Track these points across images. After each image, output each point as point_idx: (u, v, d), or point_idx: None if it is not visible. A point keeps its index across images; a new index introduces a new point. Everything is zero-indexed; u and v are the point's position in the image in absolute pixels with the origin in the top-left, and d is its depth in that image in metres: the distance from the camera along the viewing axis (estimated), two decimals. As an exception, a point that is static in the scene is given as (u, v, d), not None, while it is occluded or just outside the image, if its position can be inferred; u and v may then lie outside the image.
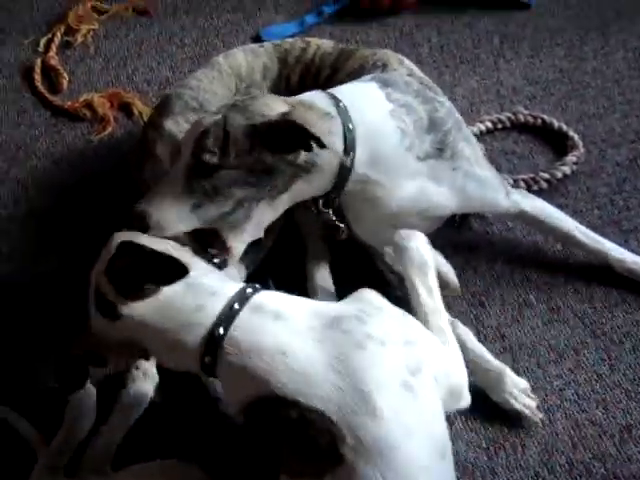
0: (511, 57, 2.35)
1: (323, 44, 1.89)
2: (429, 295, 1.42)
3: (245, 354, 1.21)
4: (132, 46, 2.37)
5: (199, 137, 1.39)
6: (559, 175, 1.96)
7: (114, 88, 2.23)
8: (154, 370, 1.61)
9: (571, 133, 2.07)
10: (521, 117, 2.12)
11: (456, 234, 1.86)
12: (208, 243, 1.41)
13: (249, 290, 1.28)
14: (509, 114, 2.12)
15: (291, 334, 1.22)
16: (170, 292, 1.26)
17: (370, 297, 1.31)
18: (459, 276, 1.72)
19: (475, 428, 1.59)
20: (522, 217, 1.78)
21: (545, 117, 2.11)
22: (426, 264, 1.44)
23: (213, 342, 1.23)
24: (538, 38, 2.41)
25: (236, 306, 1.24)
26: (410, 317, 1.33)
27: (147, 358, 1.42)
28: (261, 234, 1.47)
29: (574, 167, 1.99)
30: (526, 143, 2.09)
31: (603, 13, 2.49)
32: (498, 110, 2.15)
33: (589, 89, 2.26)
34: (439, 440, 1.24)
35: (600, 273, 1.79)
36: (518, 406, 1.57)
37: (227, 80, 1.81)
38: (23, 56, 2.35)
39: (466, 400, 1.38)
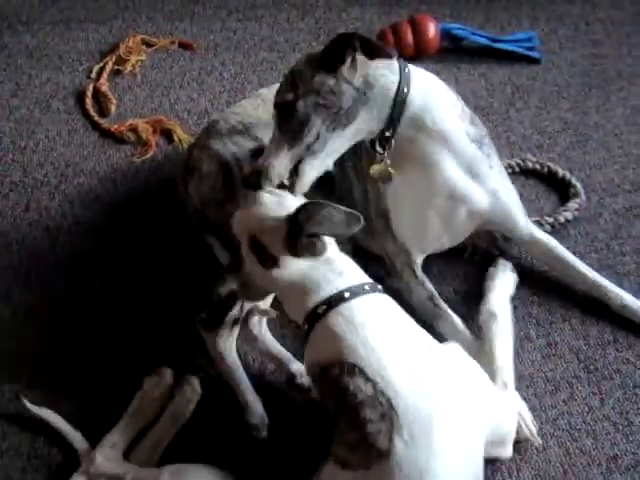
0: (521, 107, 2.36)
1: None
2: (504, 356, 1.58)
3: (349, 325, 1.29)
4: (175, 77, 2.39)
5: (276, 92, 1.54)
6: (562, 220, 1.96)
7: (157, 115, 2.25)
8: (199, 385, 1.62)
9: (574, 181, 2.07)
10: (529, 164, 2.12)
11: (466, 266, 1.86)
12: None
13: (376, 286, 1.37)
14: (518, 160, 2.12)
15: (389, 335, 1.30)
16: (325, 259, 1.35)
17: (459, 351, 1.40)
18: (467, 308, 1.75)
19: (474, 451, 1.59)
20: (533, 245, 1.80)
21: (551, 165, 2.11)
22: (507, 329, 1.63)
23: (337, 299, 1.31)
24: (546, 91, 2.42)
25: (367, 287, 1.35)
26: (481, 370, 1.42)
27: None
28: (330, 166, 1.55)
29: (576, 213, 1.99)
30: (533, 188, 2.09)
31: (605, 72, 2.50)
32: (508, 156, 2.14)
33: (591, 141, 2.26)
34: (475, 471, 1.30)
35: (595, 313, 1.79)
36: (526, 431, 1.58)
37: (270, 108, 1.81)
38: (77, 81, 2.37)
39: (508, 452, 1.46)
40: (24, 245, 1.95)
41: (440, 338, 1.48)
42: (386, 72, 1.49)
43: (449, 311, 1.68)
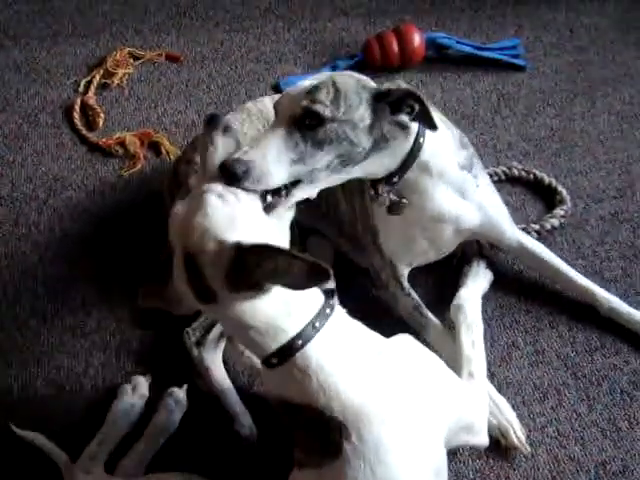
0: (507, 115, 2.36)
1: None
2: (470, 346, 1.59)
3: (309, 369, 1.22)
4: (163, 90, 2.39)
5: (309, 90, 1.37)
6: (548, 227, 1.97)
7: (145, 128, 2.24)
8: (185, 398, 1.62)
9: (560, 188, 2.07)
10: (515, 171, 2.13)
11: (453, 277, 1.86)
12: None
13: (327, 310, 1.25)
14: (504, 168, 2.13)
15: (343, 362, 1.24)
16: (272, 295, 1.19)
17: (409, 340, 1.38)
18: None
19: (463, 459, 1.59)
20: (522, 252, 1.82)
21: (537, 172, 2.12)
22: (474, 322, 1.64)
23: (289, 350, 1.22)
24: (532, 98, 2.42)
25: (317, 324, 1.23)
26: (438, 360, 1.41)
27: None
28: (314, 195, 1.43)
29: (562, 220, 2.00)
30: (519, 195, 2.10)
31: (590, 78, 2.51)
32: (494, 164, 2.15)
33: (576, 147, 2.27)
34: (435, 460, 1.30)
35: (582, 319, 1.80)
36: (515, 439, 1.58)
37: (256, 122, 1.83)
38: (64, 95, 2.37)
39: (481, 439, 1.46)
40: (13, 260, 1.95)
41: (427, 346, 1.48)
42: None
43: (435, 320, 1.69)
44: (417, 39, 2.39)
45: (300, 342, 1.21)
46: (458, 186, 1.62)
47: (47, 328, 1.81)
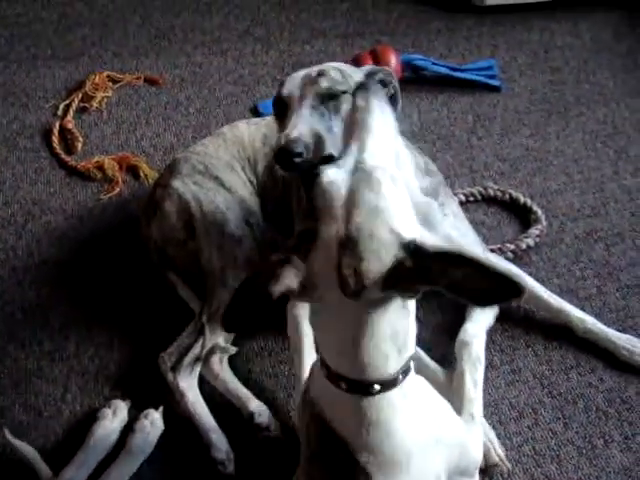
0: (483, 135, 2.40)
1: None
2: (473, 386, 1.56)
3: (380, 412, 1.14)
4: (141, 113, 2.40)
5: (321, 73, 1.49)
6: (523, 246, 1.99)
7: (123, 151, 2.26)
8: (160, 420, 1.62)
9: (535, 208, 2.10)
10: (491, 191, 2.15)
11: (431, 299, 1.87)
12: None
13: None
14: (480, 188, 2.16)
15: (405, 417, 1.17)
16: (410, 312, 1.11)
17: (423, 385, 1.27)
18: (432, 338, 1.77)
19: None
20: None
21: (512, 192, 2.15)
22: (479, 360, 1.62)
23: (391, 384, 1.13)
24: (507, 118, 2.46)
25: (410, 365, 1.16)
26: (447, 405, 1.33)
27: None
28: None
29: (537, 239, 2.02)
30: (495, 215, 2.12)
31: (565, 98, 2.55)
32: (470, 184, 2.18)
33: (551, 167, 2.30)
34: None
35: (557, 338, 1.82)
36: (495, 457, 1.59)
37: (231, 148, 1.84)
38: (43, 119, 2.37)
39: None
40: (-9, 285, 1.95)
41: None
42: None
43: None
44: (393, 60, 2.43)
45: (399, 378, 1.13)
46: (423, 214, 1.61)
47: (25, 353, 1.80)
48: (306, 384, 1.29)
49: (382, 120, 1.16)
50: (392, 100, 1.50)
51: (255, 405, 1.65)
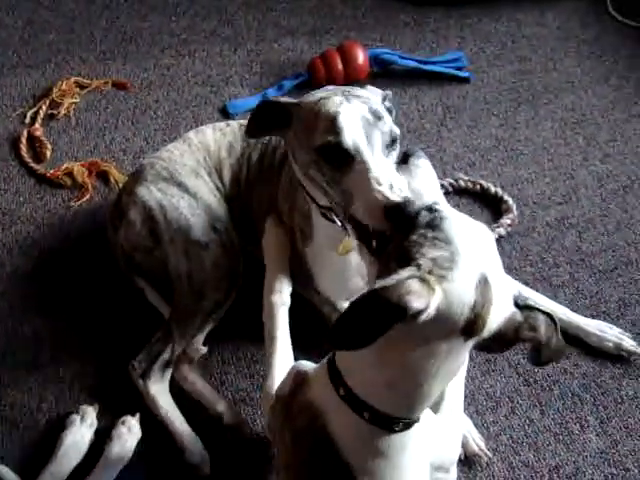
0: (452, 126, 2.40)
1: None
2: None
3: (393, 446, 1.18)
4: (110, 118, 2.38)
5: (378, 115, 1.35)
6: (496, 236, 2.00)
7: (93, 157, 2.23)
8: (138, 426, 1.61)
9: (506, 197, 2.11)
10: (462, 183, 2.16)
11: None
12: None
13: None
14: (451, 180, 2.16)
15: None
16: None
17: None
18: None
19: (420, 472, 1.60)
20: None
21: (483, 182, 2.16)
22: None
23: (390, 425, 1.16)
24: (476, 109, 2.47)
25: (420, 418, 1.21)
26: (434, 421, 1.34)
27: None
28: None
29: (509, 229, 2.04)
30: (466, 206, 2.13)
31: (533, 87, 2.56)
32: (441, 176, 2.18)
33: (522, 156, 2.31)
34: None
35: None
36: (475, 446, 1.61)
37: (196, 154, 1.82)
38: (11, 127, 2.34)
39: (452, 476, 1.42)
40: (-37, 297, 1.93)
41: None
42: None
43: None
44: (361, 56, 2.43)
45: (419, 419, 1.18)
46: None
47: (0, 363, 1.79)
48: (290, 386, 1.29)
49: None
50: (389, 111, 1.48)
51: (223, 407, 1.65)
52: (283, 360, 1.52)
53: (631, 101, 2.54)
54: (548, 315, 1.12)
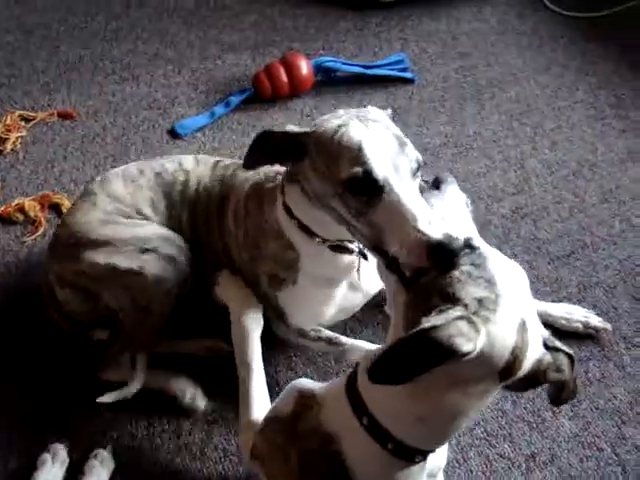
0: (401, 127, 2.27)
1: (202, 175, 1.72)
2: None
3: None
4: (58, 149, 2.35)
5: (404, 142, 1.30)
6: (452, 232, 2.00)
7: (44, 191, 2.19)
8: (110, 458, 1.59)
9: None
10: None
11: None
12: None
13: None
14: (403, 181, 2.16)
15: None
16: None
17: None
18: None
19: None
20: None
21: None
22: None
23: (412, 457, 1.17)
24: (423, 108, 2.48)
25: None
26: None
27: None
28: None
29: (464, 224, 2.04)
30: (421, 206, 2.12)
31: (477, 82, 2.59)
32: (394, 178, 2.18)
33: (472, 150, 2.33)
34: None
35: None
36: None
37: (106, 206, 1.68)
38: (-43, 168, 2.30)
39: None
40: None
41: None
42: None
43: (352, 341, 1.69)
44: (305, 66, 2.43)
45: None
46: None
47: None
48: (293, 405, 1.27)
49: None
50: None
51: (177, 387, 1.69)
52: (260, 387, 1.52)
53: (573, 88, 2.58)
54: (569, 356, 1.12)
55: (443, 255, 1.11)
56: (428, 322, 0.99)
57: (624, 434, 1.67)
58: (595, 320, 1.84)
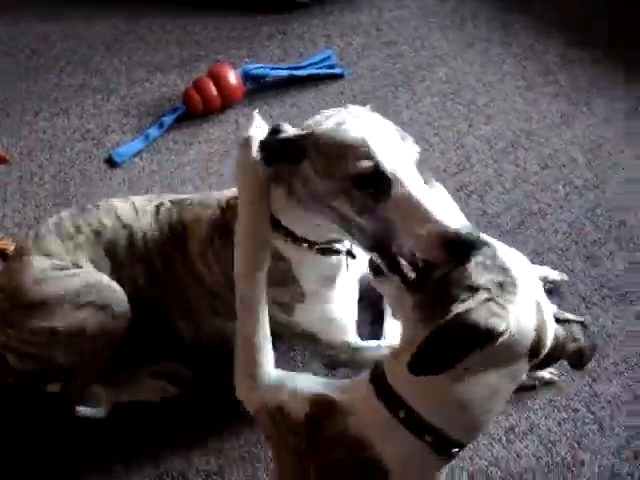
0: (338, 124, 2.39)
1: (145, 227, 1.61)
2: None
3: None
4: (-4, 195, 2.30)
5: (402, 136, 1.29)
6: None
7: (-13, 239, 2.15)
8: None
9: (403, 180, 2.12)
10: (357, 176, 2.16)
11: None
12: None
13: None
14: (347, 176, 2.16)
15: None
16: None
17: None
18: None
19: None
20: None
21: (378, 171, 2.16)
22: None
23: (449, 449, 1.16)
24: (356, 102, 2.42)
25: None
26: None
27: None
28: None
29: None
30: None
31: (406, 68, 2.60)
32: (337, 174, 2.18)
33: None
34: None
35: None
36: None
37: (36, 264, 1.57)
38: None
39: None
40: None
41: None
42: None
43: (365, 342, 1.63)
44: (232, 76, 2.41)
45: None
46: None
47: None
48: (307, 413, 1.21)
49: None
50: None
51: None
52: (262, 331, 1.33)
53: (499, 61, 2.60)
54: (581, 323, 1.18)
55: (462, 246, 1.10)
56: (458, 309, 1.02)
57: (596, 391, 1.69)
58: (553, 274, 1.88)
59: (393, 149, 1.22)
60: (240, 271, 1.32)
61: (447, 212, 1.15)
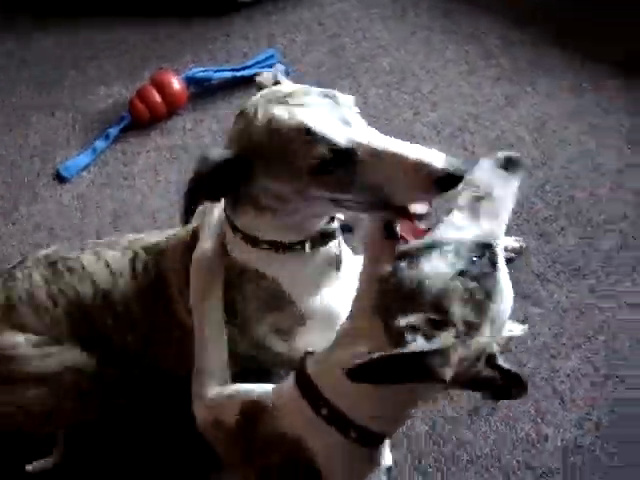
0: (285, 122, 2.39)
1: (123, 287, 1.47)
2: None
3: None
4: (-55, 221, 2.25)
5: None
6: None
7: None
8: None
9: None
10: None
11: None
12: None
13: None
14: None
15: None
16: None
17: None
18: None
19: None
20: None
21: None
22: None
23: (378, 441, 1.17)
24: (303, 98, 2.47)
25: None
26: None
27: None
28: None
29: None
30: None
31: (349, 61, 2.59)
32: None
33: (357, 129, 2.33)
34: None
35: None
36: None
37: (6, 342, 1.47)
38: None
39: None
40: None
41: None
42: None
43: None
44: (175, 82, 2.39)
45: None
46: None
47: None
48: (237, 417, 1.20)
49: None
50: None
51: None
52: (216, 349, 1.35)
53: (442, 48, 2.61)
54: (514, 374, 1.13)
55: (451, 180, 1.08)
56: (420, 347, 0.97)
57: (554, 367, 1.71)
58: (510, 240, 1.90)
59: (332, 116, 1.12)
60: (192, 302, 1.35)
61: (417, 148, 1.12)
